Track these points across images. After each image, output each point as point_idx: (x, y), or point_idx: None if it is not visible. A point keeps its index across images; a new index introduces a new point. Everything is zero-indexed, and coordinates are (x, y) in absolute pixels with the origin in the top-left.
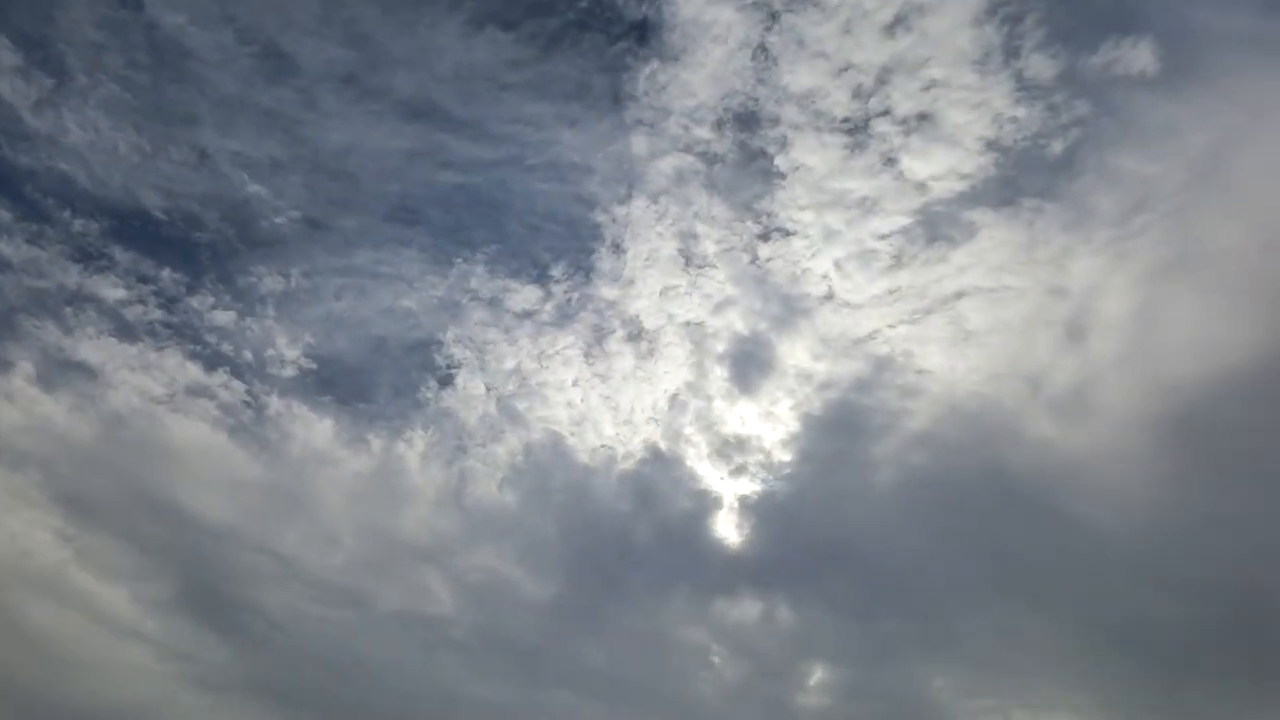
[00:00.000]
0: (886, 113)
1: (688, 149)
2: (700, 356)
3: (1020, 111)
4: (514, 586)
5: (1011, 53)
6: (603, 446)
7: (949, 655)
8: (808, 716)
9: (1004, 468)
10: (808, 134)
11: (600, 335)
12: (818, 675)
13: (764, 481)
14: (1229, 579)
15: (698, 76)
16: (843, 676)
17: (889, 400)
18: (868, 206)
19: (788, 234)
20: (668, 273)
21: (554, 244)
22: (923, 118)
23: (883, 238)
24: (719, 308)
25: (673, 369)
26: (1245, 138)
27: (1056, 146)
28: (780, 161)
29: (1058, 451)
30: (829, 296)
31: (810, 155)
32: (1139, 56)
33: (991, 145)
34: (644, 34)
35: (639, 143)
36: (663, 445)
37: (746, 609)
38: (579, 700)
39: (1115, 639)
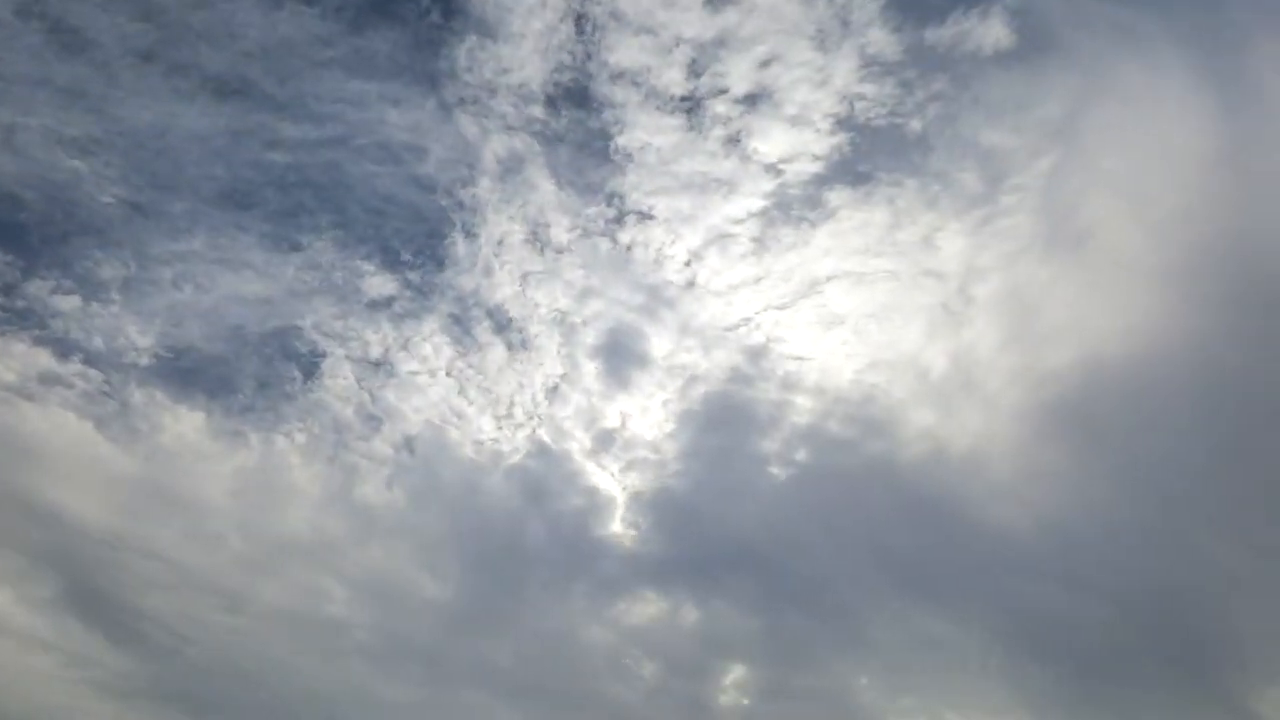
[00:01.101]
0: (724, 91)
1: (523, 129)
2: (571, 348)
3: (868, 88)
4: (411, 586)
5: (849, 28)
6: (489, 441)
7: (864, 655)
8: (725, 716)
9: (894, 463)
10: (646, 113)
11: (465, 324)
12: (732, 674)
13: (655, 478)
14: (1128, 576)
15: (519, 51)
16: (758, 676)
17: (770, 392)
18: (721, 189)
19: (644, 218)
20: (525, 259)
21: (401, 228)
22: (763, 96)
23: (739, 222)
24: (583, 296)
25: (546, 361)
26: (1103, 110)
27: (913, 124)
28: (623, 142)
29: (947, 444)
30: (692, 284)
31: (653, 136)
32: (990, 30)
33: (843, 124)
34: (450, 6)
35: (468, 122)
36: (548, 441)
37: (651, 608)
38: (490, 700)
39: (1024, 638)
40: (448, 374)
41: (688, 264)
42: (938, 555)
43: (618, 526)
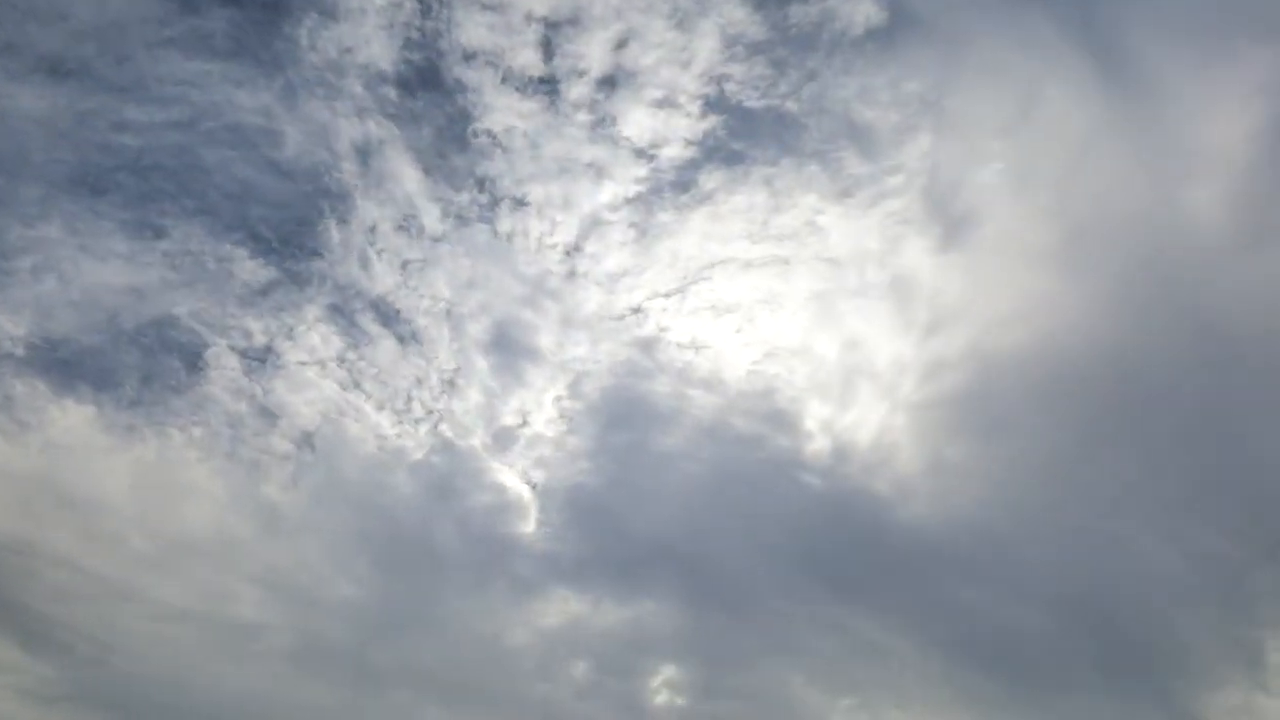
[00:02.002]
0: (583, 73)
1: (378, 111)
2: (463, 342)
3: (735, 69)
4: (325, 586)
5: (707, 5)
6: (390, 437)
7: (794, 656)
8: (657, 715)
9: (801, 459)
10: (504, 96)
11: (349, 315)
12: (661, 674)
13: (563, 476)
14: (1057, 579)
15: (363, 30)
16: (687, 676)
17: (667, 384)
18: (593, 175)
19: (519, 205)
20: (402, 246)
21: (268, 214)
22: (625, 77)
23: (614, 208)
24: (468, 287)
25: (440, 354)
26: (979, 88)
27: (788, 104)
28: (484, 126)
29: (853, 439)
30: (574, 273)
31: (515, 119)
32: (860, 7)
33: (713, 105)
34: None
35: (318, 106)
36: (450, 437)
37: (572, 607)
38: (416, 700)
39: (958, 641)
40: (340, 365)
41: (568, 253)
42: (854, 554)
43: (530, 525)
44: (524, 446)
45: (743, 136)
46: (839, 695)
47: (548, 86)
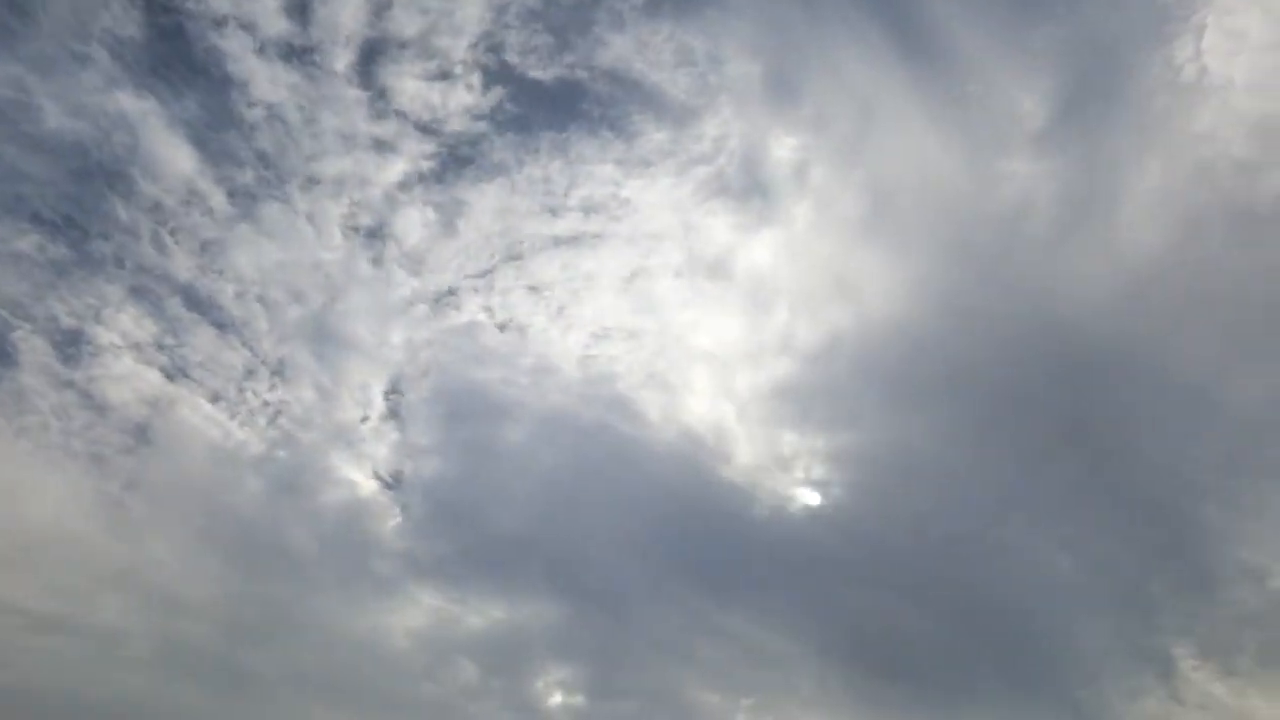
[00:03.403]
0: (346, 40)
1: (132, 82)
2: (282, 330)
3: (512, 36)
4: (182, 587)
5: None
6: (228, 430)
7: (668, 654)
8: (541, 714)
9: (651, 450)
10: (266, 64)
11: (155, 298)
12: (546, 675)
13: (417, 470)
14: (951, 584)
15: None
16: (573, 676)
17: (500, 372)
18: (383, 150)
19: (311, 183)
20: (196, 226)
21: (44, 193)
22: (391, 44)
23: (407, 187)
24: (276, 271)
25: (261, 342)
26: (778, 58)
27: (578, 73)
28: (255, 98)
29: (699, 429)
30: (381, 259)
31: (286, 92)
32: None
33: (495, 76)
34: None
35: (68, 77)
36: (291, 430)
37: (440, 605)
38: (299, 702)
39: (846, 643)
40: (159, 350)
41: (371, 235)
42: (724, 550)
43: (389, 521)
44: (368, 440)
45: (530, 107)
46: (718, 692)
47: (309, 56)
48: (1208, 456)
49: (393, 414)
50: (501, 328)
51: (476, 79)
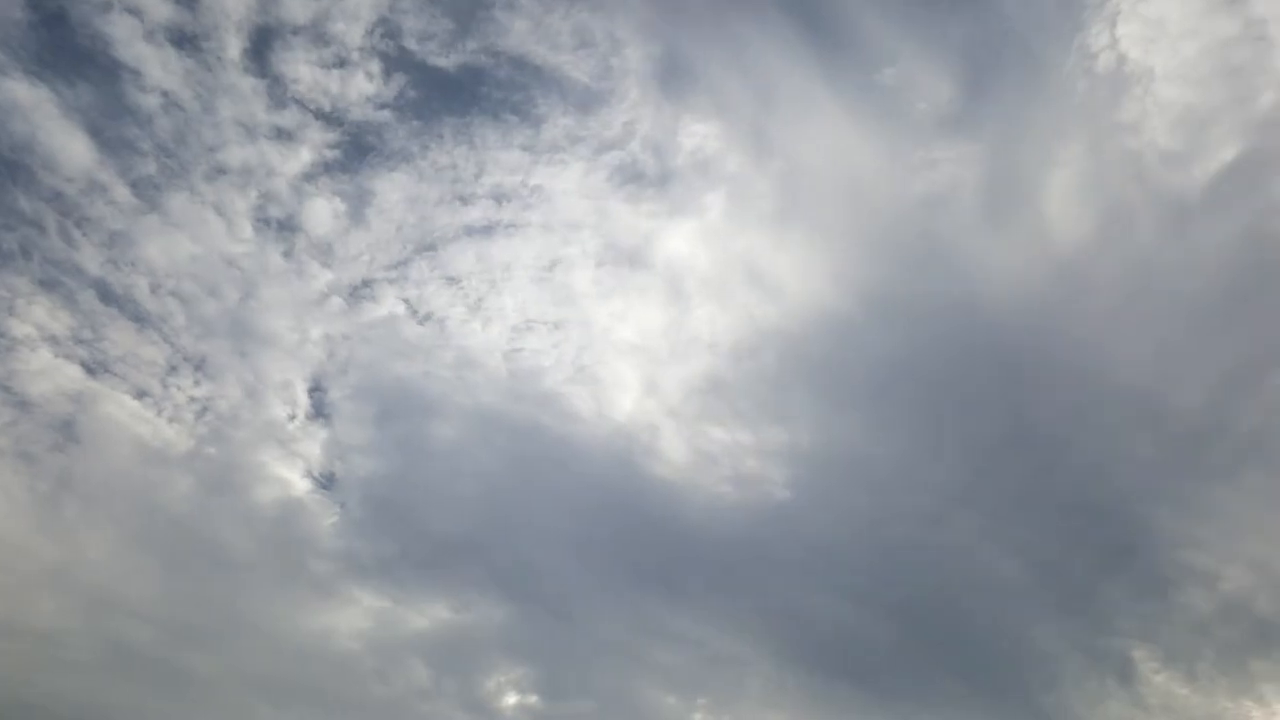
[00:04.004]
0: (237, 27)
1: (21, 69)
2: (203, 325)
3: (410, 22)
4: (119, 588)
5: None
6: (162, 426)
7: (621, 655)
8: (490, 714)
9: (588, 450)
10: (157, 50)
11: (67, 291)
12: (498, 673)
13: (351, 469)
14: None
15: None
16: (522, 676)
17: (423, 367)
18: (284, 140)
19: (216, 173)
20: (103, 218)
21: None
22: (287, 32)
23: (312, 177)
24: (187, 265)
25: (180, 338)
26: (688, 46)
27: (481, 59)
28: (150, 85)
29: (629, 425)
30: (291, 251)
31: (180, 81)
32: None
33: (396, 63)
34: None
35: None
36: (219, 428)
37: (379, 605)
38: (246, 702)
39: (798, 644)
40: (77, 344)
41: (283, 226)
42: (666, 549)
43: (326, 520)
44: (299, 439)
45: (433, 94)
46: (673, 693)
47: (200, 42)
48: (1151, 458)
49: (320, 412)
50: (421, 320)
51: (376, 66)
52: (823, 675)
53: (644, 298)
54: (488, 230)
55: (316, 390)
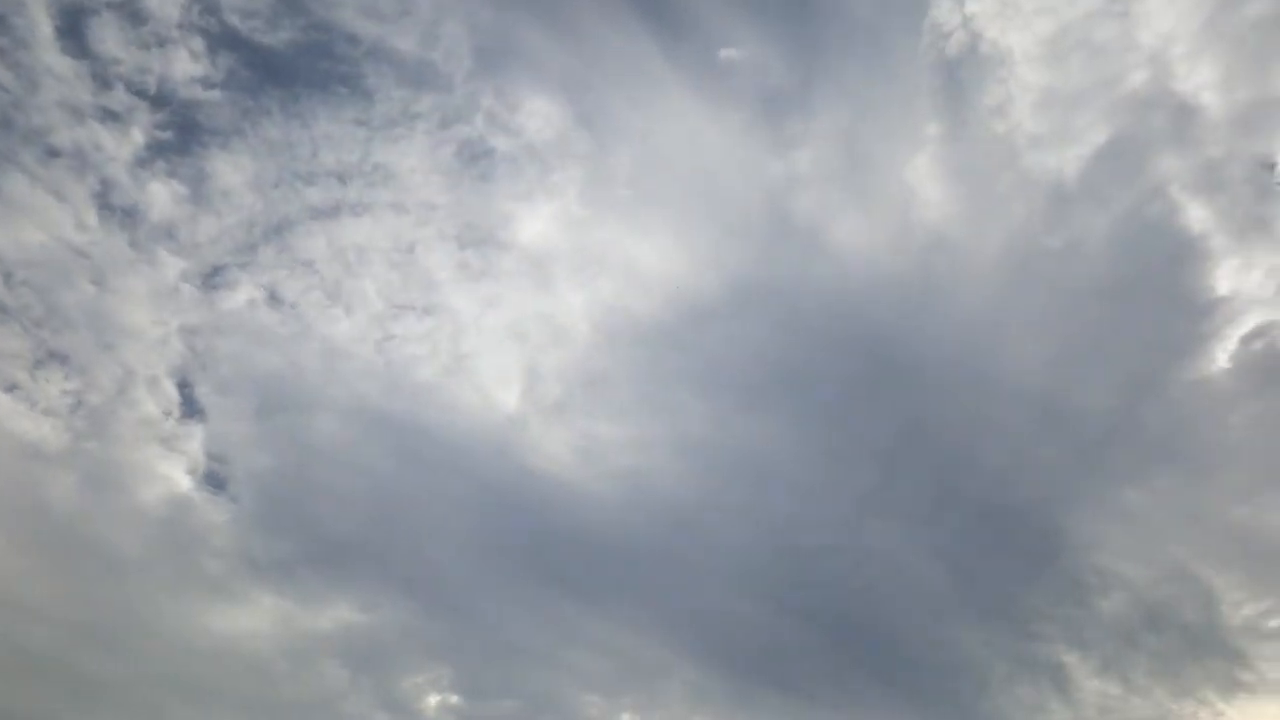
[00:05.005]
0: (45, 5)
1: None
2: (62, 317)
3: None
4: (13, 588)
5: None
6: (41, 420)
7: (534, 657)
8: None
9: (469, 444)
10: None
11: None
12: (413, 674)
13: (233, 469)
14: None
15: None
16: (437, 677)
17: (292, 358)
18: (114, 125)
19: (52, 155)
20: None
21: None
22: (91, 7)
23: (145, 163)
24: (40, 252)
25: (39, 328)
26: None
27: (311, 36)
28: None
29: (516, 421)
30: (135, 241)
31: None
32: None
33: (221, 41)
34: None
35: None
36: (94, 424)
37: (289, 606)
38: (155, 704)
39: (720, 649)
40: None
41: (127, 213)
42: (567, 548)
43: (217, 520)
44: (178, 436)
45: (262, 72)
46: (597, 693)
47: (9, 21)
48: (1056, 461)
49: (193, 407)
50: (279, 308)
51: (199, 45)
52: (747, 680)
53: (514, 283)
54: (334, 211)
55: (185, 385)
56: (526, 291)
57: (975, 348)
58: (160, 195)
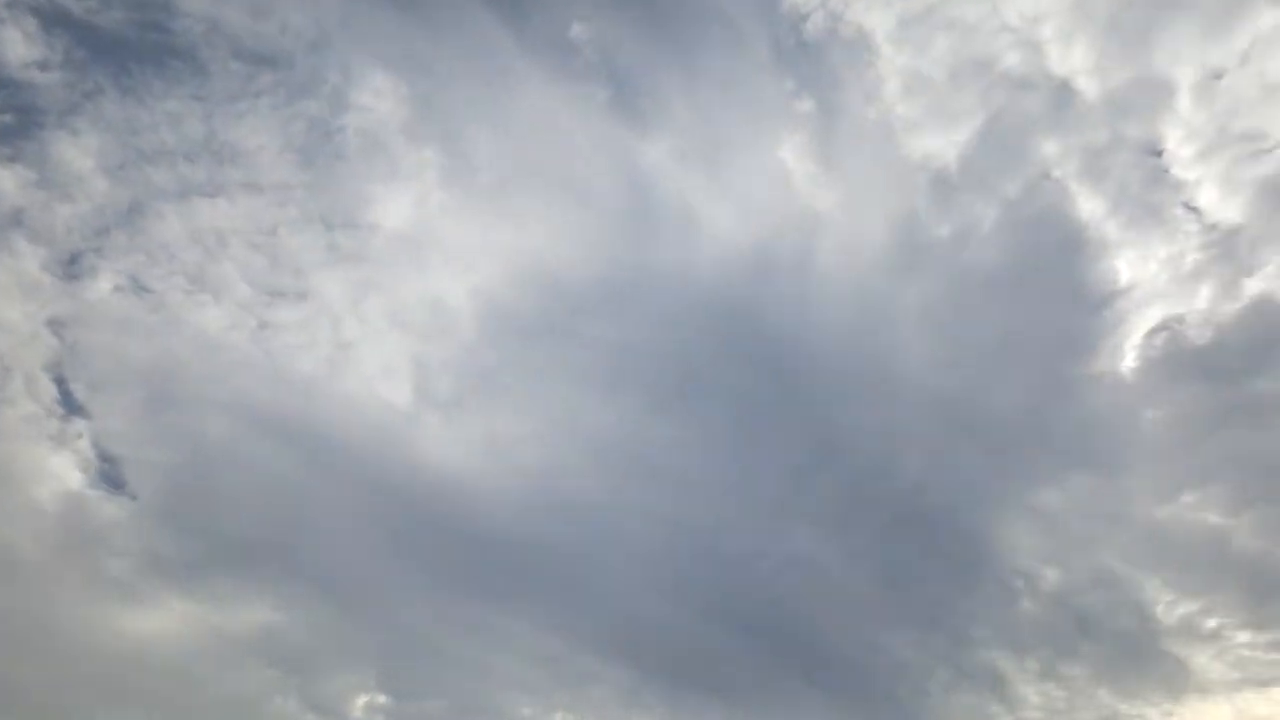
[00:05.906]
0: None
1: None
2: None
3: None
4: None
5: None
6: None
7: (456, 658)
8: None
9: (359, 439)
10: None
11: None
12: (334, 676)
13: (124, 468)
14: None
15: None
16: (358, 680)
17: (164, 348)
18: None
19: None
20: None
21: None
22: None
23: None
24: None
25: None
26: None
27: (147, 14)
28: None
29: (392, 408)
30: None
31: None
32: None
33: (55, 22)
34: None
35: None
36: None
37: (198, 608)
38: (72, 710)
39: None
40: None
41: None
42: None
43: (116, 517)
44: (64, 430)
45: (99, 52)
46: (526, 694)
47: None
48: (967, 462)
49: (74, 402)
50: (143, 295)
51: (33, 25)
52: (680, 685)
53: (387, 270)
54: (184, 192)
55: (61, 380)
56: (402, 278)
57: (871, 340)
58: (7, 181)
